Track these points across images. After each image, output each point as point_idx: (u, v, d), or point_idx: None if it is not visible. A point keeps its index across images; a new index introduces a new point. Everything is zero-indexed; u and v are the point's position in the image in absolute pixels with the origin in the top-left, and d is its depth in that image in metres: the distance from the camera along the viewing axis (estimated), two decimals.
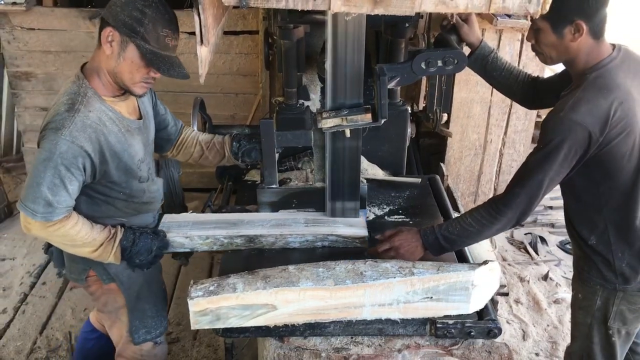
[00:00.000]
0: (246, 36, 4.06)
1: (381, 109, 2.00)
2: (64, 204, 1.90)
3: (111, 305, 2.27)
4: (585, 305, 2.16)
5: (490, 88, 3.65)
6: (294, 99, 2.75)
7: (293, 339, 1.98)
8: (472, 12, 2.26)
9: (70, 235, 1.97)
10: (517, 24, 3.37)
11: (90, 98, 1.92)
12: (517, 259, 3.96)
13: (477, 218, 2.02)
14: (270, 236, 2.23)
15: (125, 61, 1.89)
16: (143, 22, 1.83)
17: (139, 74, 1.91)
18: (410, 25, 2.59)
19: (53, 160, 1.83)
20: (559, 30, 1.89)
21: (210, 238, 2.23)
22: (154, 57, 1.86)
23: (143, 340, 2.29)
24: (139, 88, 1.96)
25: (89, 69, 1.98)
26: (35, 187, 1.86)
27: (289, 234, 2.24)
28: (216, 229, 2.25)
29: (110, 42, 1.87)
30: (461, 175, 3.95)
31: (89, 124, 1.88)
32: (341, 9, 1.58)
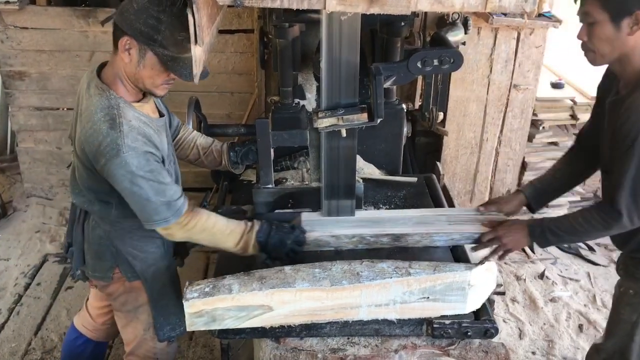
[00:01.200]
0: (241, 35, 4.04)
1: (377, 108, 1.99)
2: (177, 195, 1.96)
3: (131, 304, 2.27)
4: (635, 302, 2.15)
5: (486, 86, 3.65)
6: (289, 98, 2.73)
7: (289, 340, 1.97)
8: None
9: (209, 229, 2.03)
10: (513, 22, 3.37)
11: (123, 108, 1.91)
12: (513, 258, 3.95)
13: (588, 219, 2.02)
14: (416, 234, 2.22)
15: (146, 68, 1.88)
16: (160, 29, 1.80)
17: (160, 78, 1.92)
18: (406, 24, 2.58)
19: (136, 175, 1.86)
20: (617, 22, 1.84)
21: (357, 237, 2.21)
22: (174, 63, 1.85)
23: (167, 337, 2.30)
24: (161, 90, 1.97)
25: (109, 76, 1.96)
26: (147, 204, 1.91)
27: (434, 232, 2.22)
28: (362, 228, 2.24)
29: (129, 51, 1.86)
30: (457, 174, 3.95)
31: (136, 131, 1.89)
32: (336, 8, 1.57)
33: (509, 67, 3.60)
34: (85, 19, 3.89)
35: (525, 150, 3.94)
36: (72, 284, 3.59)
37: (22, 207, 4.41)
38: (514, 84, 3.66)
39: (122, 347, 3.11)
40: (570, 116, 3.89)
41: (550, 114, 3.88)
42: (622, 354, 2.18)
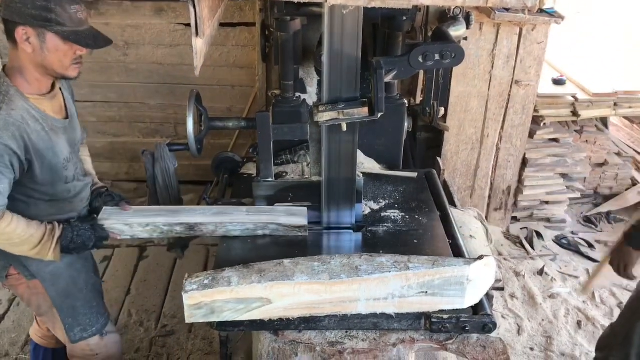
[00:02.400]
0: (243, 28, 4.03)
1: (378, 102, 1.99)
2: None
3: (44, 306, 2.24)
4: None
5: (487, 82, 3.64)
6: (290, 91, 2.73)
7: (288, 333, 1.98)
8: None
9: (7, 234, 1.94)
10: (516, 17, 3.36)
11: (12, 96, 1.90)
12: (513, 254, 3.96)
13: None
14: (210, 224, 2.23)
15: (50, 51, 1.88)
16: (50, 7, 1.82)
17: (67, 58, 1.91)
18: (407, 18, 2.57)
19: None
20: None
21: (150, 225, 2.22)
22: (76, 37, 1.87)
23: (80, 338, 2.27)
24: (72, 71, 1.97)
25: (10, 69, 1.95)
26: None
27: (229, 222, 2.24)
28: (156, 217, 2.24)
29: (28, 40, 1.85)
30: (458, 170, 3.94)
31: (12, 122, 1.86)
32: (338, 1, 1.57)
33: (511, 63, 3.60)
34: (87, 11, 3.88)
35: (526, 147, 3.93)
36: None
37: None
38: (515, 79, 3.65)
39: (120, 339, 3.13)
40: (572, 113, 3.88)
41: (551, 110, 3.87)
42: (627, 334, 2.23)
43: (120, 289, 3.54)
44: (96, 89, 4.19)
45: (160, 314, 3.37)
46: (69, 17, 1.85)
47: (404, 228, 2.37)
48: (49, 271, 2.15)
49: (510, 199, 4.11)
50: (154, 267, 3.74)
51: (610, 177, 4.42)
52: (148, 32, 4.01)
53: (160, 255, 3.78)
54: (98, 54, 4.04)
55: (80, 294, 2.25)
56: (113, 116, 4.33)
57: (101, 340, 2.33)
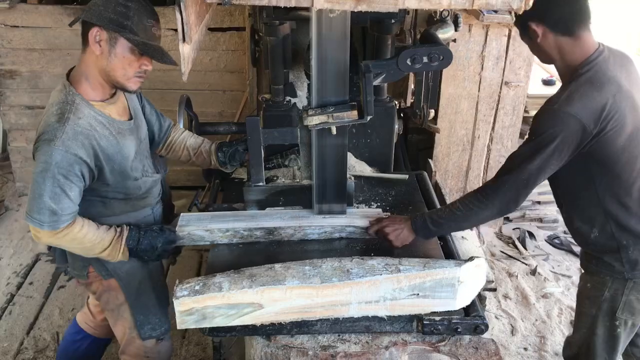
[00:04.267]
0: (233, 33, 4.04)
1: (367, 105, 1.99)
2: (68, 211, 1.93)
3: (112, 303, 2.29)
4: (593, 295, 2.17)
5: (477, 84, 3.66)
6: (280, 96, 2.73)
7: (280, 338, 1.98)
8: None
9: (79, 239, 2.01)
10: (504, 19, 3.37)
11: (78, 105, 1.92)
12: (506, 254, 3.97)
13: (466, 203, 2.05)
14: (289, 228, 2.24)
15: (117, 57, 1.90)
16: (129, 15, 1.85)
17: (132, 68, 1.93)
18: (396, 21, 2.58)
19: (50, 171, 1.85)
20: (525, 34, 2.00)
21: (230, 230, 2.23)
22: (145, 48, 1.88)
23: (149, 336, 2.31)
24: (133, 83, 1.98)
25: (76, 75, 1.98)
26: (37, 198, 1.89)
27: (307, 226, 2.25)
28: (236, 222, 2.26)
29: (99, 42, 1.88)
30: (449, 171, 3.96)
31: (80, 131, 1.89)
32: (324, 5, 1.58)
33: (500, 64, 3.61)
34: (76, 17, 3.87)
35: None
36: (64, 283, 3.58)
37: (15, 207, 4.39)
38: (505, 81, 3.66)
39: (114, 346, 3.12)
40: None
41: None
42: (588, 347, 2.21)
43: None
44: None
45: None
46: (143, 28, 1.88)
47: None
48: (124, 270, 2.20)
49: None
50: None
51: None
52: None
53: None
54: None
55: (153, 294, 2.30)
56: None
57: (157, 344, 2.37)
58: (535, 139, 1.91)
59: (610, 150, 1.91)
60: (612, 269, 2.09)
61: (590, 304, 2.18)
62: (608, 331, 2.16)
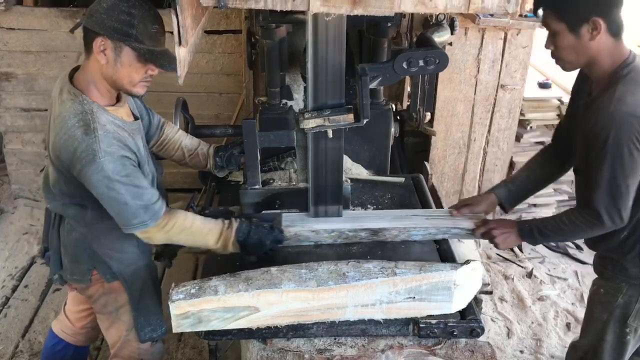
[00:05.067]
0: (229, 35, 4.03)
1: (363, 109, 2.00)
2: (154, 198, 1.96)
3: (112, 305, 2.27)
4: (606, 301, 2.18)
5: (473, 86, 3.66)
6: (277, 98, 2.73)
7: (276, 341, 1.97)
8: None
9: (188, 228, 2.04)
10: (500, 22, 3.38)
11: (97, 113, 1.91)
12: (502, 257, 3.97)
13: (572, 220, 2.06)
14: (394, 229, 2.25)
15: (123, 66, 1.88)
16: (133, 23, 1.82)
17: (138, 75, 1.92)
18: (392, 25, 2.58)
19: (113, 180, 1.86)
20: (576, 31, 1.88)
21: (336, 231, 2.24)
22: (152, 55, 1.87)
23: (149, 338, 2.30)
24: (140, 88, 1.97)
25: (82, 81, 1.95)
26: (125, 207, 1.91)
27: (412, 226, 2.26)
28: (341, 223, 2.28)
29: (104, 51, 1.86)
30: (445, 174, 3.96)
31: (111, 136, 1.89)
32: (320, 9, 1.58)
33: (496, 67, 3.62)
34: (72, 20, 3.86)
35: (513, 150, 3.95)
36: (59, 286, 3.56)
37: (10, 209, 4.38)
38: (501, 84, 3.67)
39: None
40: (557, 116, 3.91)
41: (537, 113, 3.90)
42: (595, 353, 2.21)
43: None
44: None
45: None
46: (148, 35, 1.85)
47: None
48: (129, 272, 2.20)
49: None
50: None
51: None
52: None
53: None
54: None
55: (154, 295, 2.30)
56: None
57: (151, 346, 2.36)
58: (604, 147, 1.87)
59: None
60: (629, 275, 2.10)
61: (602, 310, 2.19)
62: (617, 338, 2.17)
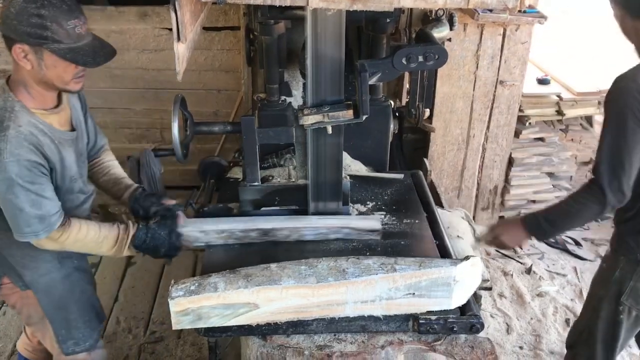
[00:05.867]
0: (228, 32, 4.02)
1: (362, 105, 1.99)
2: (53, 210, 1.90)
3: (35, 316, 2.22)
4: (605, 275, 2.20)
5: (472, 83, 3.66)
6: (275, 95, 2.72)
7: (276, 338, 1.97)
8: None
9: (81, 240, 1.99)
10: (499, 18, 3.38)
11: (18, 112, 1.86)
12: (501, 253, 3.97)
13: (576, 199, 2.06)
14: (285, 229, 2.24)
15: (49, 68, 1.83)
16: (45, 24, 1.75)
17: (67, 74, 1.87)
18: (391, 20, 2.58)
19: (15, 183, 1.81)
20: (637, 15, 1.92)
21: (226, 232, 2.22)
22: (74, 54, 1.81)
23: (72, 351, 2.25)
24: (74, 85, 1.93)
25: (14, 81, 1.91)
26: (19, 213, 1.85)
27: (303, 227, 2.24)
28: (231, 223, 2.25)
29: (25, 57, 1.81)
30: (444, 170, 3.96)
31: (23, 137, 1.83)
32: (320, 4, 1.58)
33: (495, 63, 3.62)
34: None
35: (512, 146, 3.96)
36: None
37: None
38: (500, 80, 3.67)
39: (109, 347, 3.11)
40: (556, 112, 3.91)
41: (536, 109, 3.90)
42: (590, 331, 2.23)
43: (108, 296, 3.51)
44: None
45: (149, 320, 3.35)
46: (65, 33, 1.79)
47: (391, 230, 2.37)
48: (43, 282, 2.13)
49: (497, 199, 4.13)
50: (141, 274, 3.72)
51: None
52: (132, 37, 3.98)
53: (148, 261, 3.72)
54: None
55: (75, 307, 2.22)
56: (98, 122, 4.18)
57: (88, 355, 2.30)
58: (608, 120, 1.91)
59: None
60: (627, 248, 2.11)
61: (600, 285, 2.22)
62: (611, 316, 2.18)
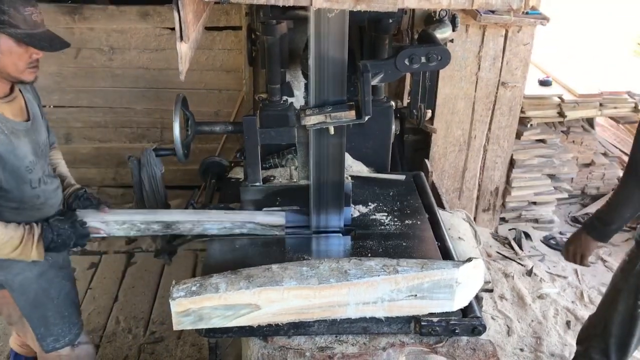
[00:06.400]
0: (229, 32, 4.02)
1: (365, 105, 1.99)
2: None
3: (14, 315, 2.21)
4: (626, 268, 2.24)
5: (474, 84, 3.65)
6: (277, 95, 2.72)
7: (277, 339, 1.97)
8: None
9: None
10: (501, 19, 3.37)
11: None
12: (502, 255, 3.97)
13: (617, 190, 2.13)
14: (187, 222, 2.23)
15: (4, 54, 1.85)
16: (3, 9, 1.79)
17: (22, 61, 1.88)
18: (394, 21, 2.58)
19: None
20: None
21: (127, 223, 2.21)
22: (30, 39, 1.83)
23: (52, 348, 2.24)
24: (28, 74, 1.93)
25: None
26: None
27: (206, 220, 2.24)
28: (133, 215, 2.24)
29: None
30: (446, 171, 3.95)
31: None
32: (323, 5, 1.57)
33: (497, 65, 3.61)
34: (71, 16, 3.85)
35: (513, 148, 3.95)
36: None
37: None
38: (502, 81, 3.66)
39: (108, 347, 3.10)
40: (558, 113, 3.90)
41: (538, 111, 3.89)
42: (606, 324, 2.23)
43: (108, 296, 3.50)
44: (82, 94, 4.16)
45: (149, 320, 3.34)
46: (22, 18, 1.81)
47: (392, 231, 2.37)
48: (17, 281, 2.11)
49: (499, 200, 4.12)
50: (141, 274, 3.71)
51: (597, 177, 4.45)
52: (133, 36, 3.98)
53: (148, 261, 3.75)
54: (83, 59, 4.01)
55: (52, 304, 2.20)
56: (99, 121, 4.29)
57: (72, 351, 2.29)
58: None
59: None
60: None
61: (620, 277, 2.25)
62: (629, 310, 2.21)
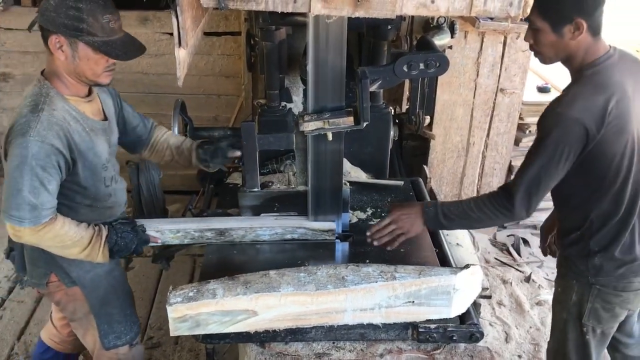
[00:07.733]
0: (228, 37, 4.03)
1: (363, 112, 1.99)
2: (48, 205, 1.89)
3: (80, 312, 2.23)
4: (562, 299, 2.17)
5: (473, 90, 3.66)
6: (276, 101, 2.73)
7: (274, 345, 1.96)
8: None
9: (60, 236, 1.95)
10: (500, 26, 3.38)
11: (53, 97, 1.91)
12: (500, 261, 3.96)
13: (480, 205, 2.04)
14: (240, 229, 2.25)
15: (82, 60, 1.89)
16: (82, 17, 1.82)
17: (99, 66, 1.92)
18: (392, 27, 2.58)
19: (27, 163, 1.81)
20: (558, 30, 1.89)
21: (181, 231, 2.23)
22: (107, 47, 1.87)
23: (113, 345, 2.26)
24: (104, 78, 1.97)
25: (48, 72, 1.98)
26: (16, 194, 1.84)
27: (258, 227, 2.25)
28: (187, 223, 2.26)
29: (61, 48, 1.87)
30: (444, 178, 3.95)
31: (54, 122, 1.87)
32: (321, 11, 1.57)
33: (496, 71, 3.62)
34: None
35: (511, 154, 3.95)
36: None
37: None
38: (500, 87, 3.67)
39: None
40: None
41: (536, 117, 3.88)
42: (564, 354, 2.21)
43: None
44: None
45: (146, 325, 3.33)
46: (100, 27, 1.85)
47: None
48: (89, 278, 2.15)
49: None
50: (139, 279, 3.70)
51: None
52: None
53: (146, 266, 3.74)
54: None
55: (117, 302, 2.25)
56: None
57: (129, 350, 2.32)
58: (540, 143, 1.91)
59: (607, 156, 1.91)
60: (576, 272, 2.09)
61: (561, 309, 2.19)
62: (578, 337, 2.16)
